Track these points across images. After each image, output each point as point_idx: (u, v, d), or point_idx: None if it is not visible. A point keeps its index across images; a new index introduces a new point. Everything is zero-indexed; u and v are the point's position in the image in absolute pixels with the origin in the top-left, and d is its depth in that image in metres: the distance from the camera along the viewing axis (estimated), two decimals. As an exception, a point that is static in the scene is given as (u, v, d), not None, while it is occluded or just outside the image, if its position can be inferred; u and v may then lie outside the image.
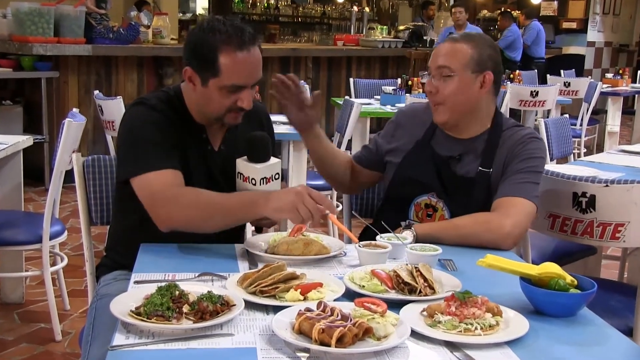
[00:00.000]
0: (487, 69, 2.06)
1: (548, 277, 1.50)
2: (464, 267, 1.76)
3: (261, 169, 1.88)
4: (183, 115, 1.95)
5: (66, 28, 5.71)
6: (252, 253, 1.79)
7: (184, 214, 1.77)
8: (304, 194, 1.67)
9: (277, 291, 1.48)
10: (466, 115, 2.08)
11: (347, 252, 1.84)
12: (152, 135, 1.86)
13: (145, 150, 1.84)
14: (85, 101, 5.90)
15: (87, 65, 5.93)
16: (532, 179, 2.01)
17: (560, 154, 3.90)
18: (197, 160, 1.95)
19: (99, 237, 4.40)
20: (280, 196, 1.70)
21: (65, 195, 4.55)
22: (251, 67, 1.86)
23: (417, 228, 1.94)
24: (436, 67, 2.06)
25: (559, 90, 6.64)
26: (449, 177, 2.08)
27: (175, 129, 1.91)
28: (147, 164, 1.83)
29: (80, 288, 3.70)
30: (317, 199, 1.68)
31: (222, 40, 1.83)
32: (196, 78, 1.88)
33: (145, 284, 1.55)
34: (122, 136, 1.93)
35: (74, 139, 3.13)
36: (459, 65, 2.04)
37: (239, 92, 1.87)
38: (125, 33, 6.08)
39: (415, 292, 1.51)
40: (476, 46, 2.05)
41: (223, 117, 1.91)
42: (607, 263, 3.75)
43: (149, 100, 1.92)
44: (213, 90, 1.86)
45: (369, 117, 5.10)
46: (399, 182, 2.16)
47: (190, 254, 1.78)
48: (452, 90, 2.04)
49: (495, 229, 1.90)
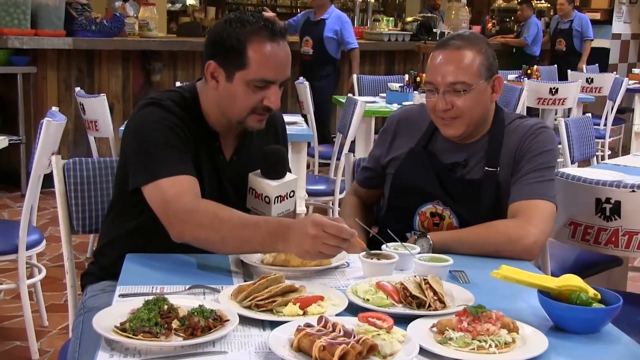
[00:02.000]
0: (495, 72, 2.08)
1: (569, 290, 1.50)
2: (477, 279, 1.76)
3: (276, 187, 1.88)
4: (197, 119, 1.95)
5: (44, 19, 5.72)
6: (247, 264, 1.79)
7: (197, 233, 1.76)
8: (321, 236, 1.60)
9: (274, 305, 1.48)
10: (479, 124, 2.10)
11: (350, 262, 1.85)
12: (165, 138, 1.85)
13: (158, 154, 1.83)
14: (66, 99, 5.91)
15: (68, 59, 5.94)
16: (548, 176, 2.02)
17: (582, 157, 3.91)
18: (208, 170, 1.95)
19: (81, 246, 4.42)
20: (298, 242, 1.63)
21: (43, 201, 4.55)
22: (281, 61, 1.87)
23: (433, 237, 1.95)
24: (448, 84, 2.02)
25: (580, 87, 6.64)
26: (453, 182, 2.09)
27: (189, 134, 1.90)
28: (160, 169, 1.81)
29: (59, 302, 3.70)
30: (336, 232, 1.60)
31: (252, 31, 1.84)
32: (220, 73, 1.88)
33: (131, 297, 1.56)
34: (131, 140, 1.90)
35: (53, 140, 3.14)
36: (474, 77, 2.03)
37: (266, 89, 1.87)
38: (109, 25, 6.10)
39: (424, 306, 1.52)
40: (481, 50, 2.06)
41: (246, 118, 1.90)
42: (633, 275, 3.76)
43: (163, 101, 1.91)
44: (239, 85, 1.86)
45: (374, 117, 5.10)
46: (399, 192, 2.17)
47: (180, 265, 1.78)
48: (470, 104, 2.04)
49: (519, 239, 1.91)
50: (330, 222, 1.60)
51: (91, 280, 2.04)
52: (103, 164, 2.30)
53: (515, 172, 2.04)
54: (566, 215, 2.40)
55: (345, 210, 2.33)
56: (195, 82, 2.02)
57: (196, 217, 1.75)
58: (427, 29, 8.46)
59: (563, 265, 2.80)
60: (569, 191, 2.37)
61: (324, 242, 1.60)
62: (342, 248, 1.63)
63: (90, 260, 2.14)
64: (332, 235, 1.59)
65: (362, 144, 5.09)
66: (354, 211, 2.29)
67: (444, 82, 2.03)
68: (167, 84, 6.40)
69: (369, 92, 6.14)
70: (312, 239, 1.60)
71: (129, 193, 1.88)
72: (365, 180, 2.34)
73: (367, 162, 2.34)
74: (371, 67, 8.24)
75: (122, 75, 6.28)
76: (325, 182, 4.50)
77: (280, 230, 1.67)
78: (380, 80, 6.39)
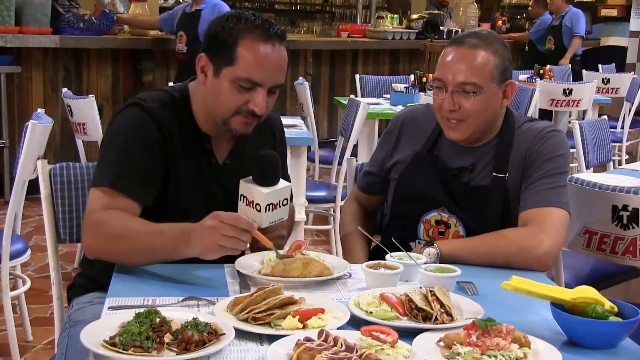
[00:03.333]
0: (509, 77, 2.08)
1: (584, 302, 1.51)
2: (486, 290, 1.76)
3: (268, 194, 1.89)
4: (187, 121, 1.96)
5: (29, 16, 5.73)
6: (243, 274, 1.80)
7: (105, 245, 1.81)
8: (218, 227, 1.68)
9: (272, 318, 1.49)
10: (487, 128, 2.10)
11: (352, 273, 1.85)
12: (130, 149, 1.88)
13: (114, 162, 1.88)
14: (52, 100, 5.92)
15: (54, 59, 5.95)
16: (560, 182, 2.03)
17: (597, 161, 3.91)
18: (196, 173, 1.96)
19: (68, 256, 4.41)
20: (197, 238, 1.71)
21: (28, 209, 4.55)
22: (272, 64, 1.88)
23: (440, 246, 1.95)
24: (458, 83, 2.02)
25: (596, 87, 6.65)
26: (459, 188, 2.09)
27: (170, 141, 1.92)
28: (105, 176, 1.87)
29: (45, 315, 3.71)
30: (233, 222, 1.69)
31: (245, 27, 1.87)
32: (209, 67, 1.91)
33: (121, 309, 1.56)
34: (104, 140, 1.97)
35: (39, 143, 3.14)
36: (486, 80, 2.03)
37: (252, 91, 1.88)
38: (98, 22, 6.11)
39: (431, 319, 1.52)
40: (497, 52, 2.05)
41: (229, 120, 1.91)
42: (652, 287, 3.75)
43: (147, 103, 1.92)
44: (224, 81, 1.88)
45: (377, 119, 5.11)
46: (403, 199, 2.17)
47: (172, 276, 1.79)
48: (478, 108, 2.04)
49: (531, 248, 1.92)
50: (227, 213, 1.69)
51: (78, 292, 2.04)
52: (92, 169, 2.29)
53: (526, 179, 2.05)
54: (581, 224, 2.40)
55: (346, 217, 2.33)
56: (187, 82, 2.03)
57: (103, 227, 1.81)
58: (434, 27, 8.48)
59: (577, 276, 2.80)
60: (583, 198, 2.37)
61: (222, 232, 1.67)
62: (241, 240, 1.70)
63: (78, 271, 2.14)
64: (230, 225, 1.67)
65: (365, 147, 5.09)
66: (355, 219, 2.29)
67: (454, 81, 2.03)
68: (160, 85, 6.41)
69: (372, 93, 6.15)
70: (210, 230, 1.68)
71: None
72: (367, 185, 2.34)
73: (369, 166, 2.34)
74: (374, 67, 8.26)
75: (112, 75, 6.29)
76: (326, 188, 4.50)
77: (183, 235, 1.73)
78: (384, 80, 6.40)
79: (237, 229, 1.68)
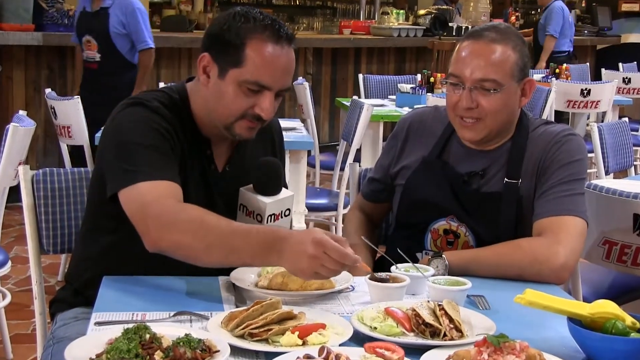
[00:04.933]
0: (527, 75, 2.09)
1: (603, 318, 1.51)
2: (498, 304, 1.77)
3: (270, 204, 1.89)
4: (187, 124, 1.96)
5: (10, 12, 5.74)
6: (239, 287, 1.80)
7: (178, 239, 1.75)
8: (321, 258, 1.61)
9: (270, 334, 1.49)
10: (503, 129, 2.11)
11: (355, 286, 1.86)
12: (149, 140, 1.85)
13: (139, 156, 1.84)
14: (35, 102, 5.93)
15: (37, 57, 5.96)
16: (578, 189, 2.03)
17: (617, 167, 3.91)
18: (196, 180, 1.95)
19: (51, 268, 4.42)
20: (293, 259, 1.64)
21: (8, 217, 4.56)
22: (282, 66, 1.88)
23: (449, 257, 1.95)
24: (477, 80, 2.03)
25: (616, 87, 6.66)
26: (469, 195, 2.10)
27: (178, 139, 1.91)
28: (140, 172, 1.82)
29: (26, 332, 3.70)
30: (338, 257, 1.61)
31: (255, 27, 1.86)
32: (213, 67, 1.90)
33: (108, 325, 1.56)
34: (110, 142, 1.91)
35: (20, 148, 3.15)
36: (506, 77, 2.04)
37: (259, 95, 1.88)
38: (84, 18, 6.11)
39: (439, 335, 1.52)
40: (516, 47, 2.06)
41: (233, 124, 1.91)
42: (677, 301, 3.75)
43: (148, 102, 1.92)
44: (230, 83, 1.87)
45: (382, 122, 5.13)
46: (409, 207, 2.18)
47: (163, 289, 1.79)
48: (498, 106, 2.05)
49: (546, 260, 1.92)
50: (334, 244, 1.61)
51: (62, 307, 2.04)
52: (77, 174, 2.30)
53: (540, 185, 2.05)
54: (600, 233, 2.41)
55: (349, 227, 2.34)
56: (184, 82, 2.03)
57: (179, 220, 1.75)
58: (442, 23, 8.49)
59: (596, 289, 2.80)
60: (602, 206, 2.37)
61: (323, 264, 1.61)
62: (340, 272, 1.65)
63: (62, 285, 2.14)
64: (333, 260, 1.61)
65: (368, 152, 5.10)
66: (359, 228, 2.29)
67: (472, 78, 2.03)
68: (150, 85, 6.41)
69: (377, 94, 6.16)
70: (310, 259, 1.61)
71: (104, 204, 1.89)
72: (372, 193, 2.34)
73: (374, 173, 2.35)
74: (379, 66, 8.28)
75: (98, 75, 6.29)
76: (328, 195, 4.51)
77: (275, 242, 1.67)
78: (389, 80, 6.41)
79: (341, 264, 1.62)
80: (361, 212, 2.37)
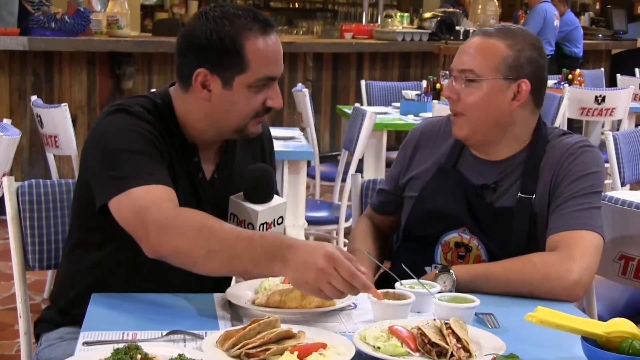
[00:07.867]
0: (524, 76, 2.09)
1: (619, 337, 1.51)
2: (508, 323, 1.77)
3: (262, 212, 1.89)
4: (173, 130, 1.97)
5: (-6, 15, 5.76)
6: (235, 305, 1.80)
7: (178, 244, 1.74)
8: (330, 274, 1.60)
9: (267, 354, 1.49)
10: (494, 132, 2.12)
11: (357, 303, 1.86)
12: (136, 145, 1.86)
13: (128, 163, 1.84)
14: (19, 109, 5.94)
15: (22, 62, 5.97)
16: (594, 203, 2.04)
17: (634, 178, 3.91)
18: (185, 189, 1.96)
19: (37, 285, 4.41)
20: (299, 270, 1.64)
21: (-8, 232, 4.56)
22: (277, 54, 1.95)
23: (457, 272, 1.95)
24: (459, 69, 2.10)
25: (632, 94, 6.66)
26: (483, 208, 2.10)
27: (165, 145, 1.92)
28: (131, 178, 1.82)
29: (9, 353, 3.69)
30: (348, 277, 1.61)
31: (243, 27, 1.89)
32: (214, 81, 1.91)
33: (97, 345, 1.56)
34: (95, 150, 1.91)
35: (5, 158, 3.15)
36: (487, 69, 2.07)
37: (267, 88, 1.93)
38: (72, 22, 6.13)
39: (446, 355, 1.52)
40: (513, 45, 2.08)
41: (247, 125, 1.95)
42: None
43: (132, 107, 1.93)
44: (240, 90, 1.90)
45: (386, 131, 5.13)
46: (420, 218, 2.18)
47: (155, 307, 1.79)
48: (476, 100, 2.08)
49: (559, 276, 1.92)
50: (346, 262, 1.61)
51: (47, 327, 2.04)
52: (64, 186, 2.31)
53: (554, 199, 2.05)
54: (616, 248, 2.41)
55: (356, 231, 2.34)
56: (167, 87, 2.04)
57: (180, 225, 1.75)
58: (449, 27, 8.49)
59: (612, 307, 2.79)
60: (619, 219, 2.37)
61: (330, 280, 1.61)
62: (345, 294, 1.64)
63: (48, 304, 2.14)
64: (342, 278, 1.60)
65: (371, 162, 5.10)
66: (366, 239, 2.29)
67: (456, 67, 2.11)
68: (141, 92, 6.43)
69: (380, 102, 6.17)
70: (318, 273, 1.61)
71: (90, 217, 1.89)
72: (381, 204, 2.35)
73: (385, 184, 2.36)
74: (382, 71, 8.28)
75: (87, 81, 6.32)
76: (328, 208, 4.51)
77: (281, 250, 1.67)
78: (393, 87, 6.42)
79: (349, 285, 1.62)
80: (370, 221, 2.37)
